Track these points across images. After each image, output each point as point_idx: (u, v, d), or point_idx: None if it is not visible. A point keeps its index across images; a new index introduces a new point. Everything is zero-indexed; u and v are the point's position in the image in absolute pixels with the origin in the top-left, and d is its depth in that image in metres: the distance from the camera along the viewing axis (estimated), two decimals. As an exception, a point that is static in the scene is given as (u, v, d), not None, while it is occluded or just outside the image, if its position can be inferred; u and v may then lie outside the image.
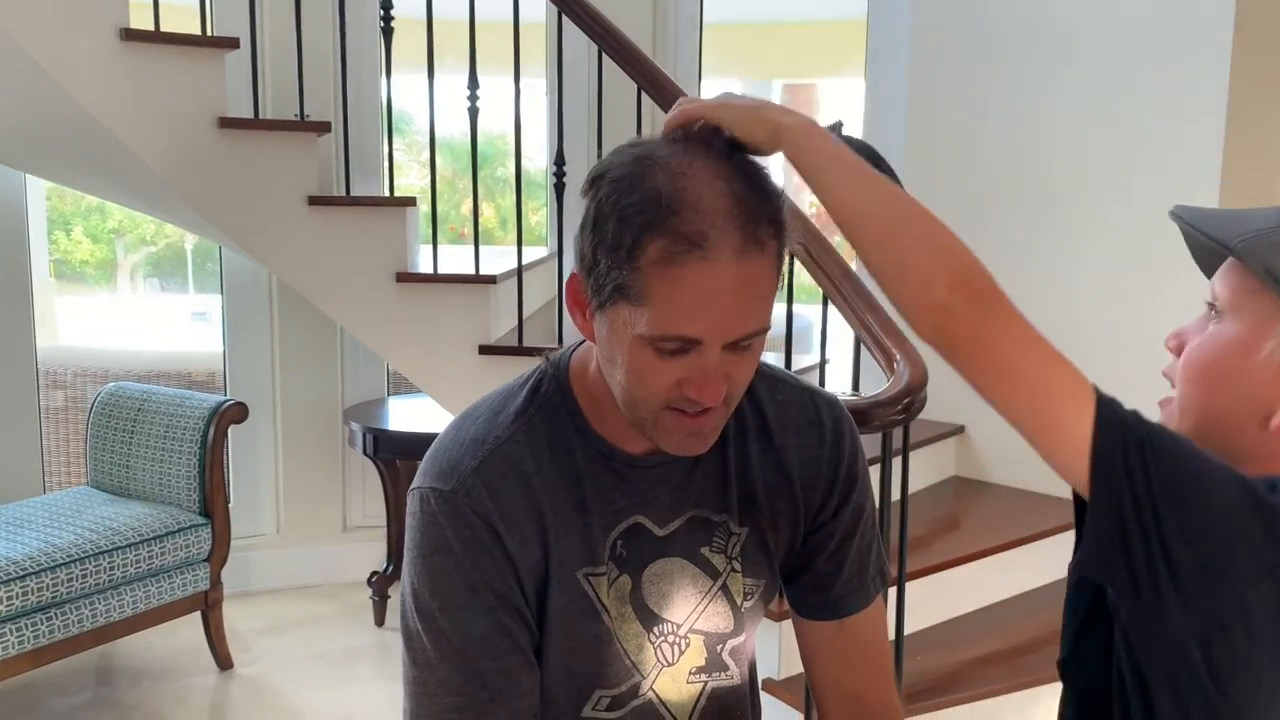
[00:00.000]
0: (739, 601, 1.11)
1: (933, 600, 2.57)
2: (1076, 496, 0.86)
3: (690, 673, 1.10)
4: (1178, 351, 0.94)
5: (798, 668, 1.38)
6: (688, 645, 1.09)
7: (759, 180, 0.92)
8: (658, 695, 1.09)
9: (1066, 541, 3.15)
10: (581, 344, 1.08)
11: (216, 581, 3.09)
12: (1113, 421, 0.81)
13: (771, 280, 0.92)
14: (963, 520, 3.06)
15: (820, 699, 1.20)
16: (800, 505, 1.11)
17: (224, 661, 3.14)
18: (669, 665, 1.09)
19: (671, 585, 1.07)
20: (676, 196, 0.87)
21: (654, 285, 0.88)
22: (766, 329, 0.94)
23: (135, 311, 8.43)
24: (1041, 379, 0.83)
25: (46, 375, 4.13)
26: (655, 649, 1.07)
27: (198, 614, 3.10)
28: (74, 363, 4.22)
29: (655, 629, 1.07)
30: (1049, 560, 2.90)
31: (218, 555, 3.08)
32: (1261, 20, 2.67)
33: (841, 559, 1.14)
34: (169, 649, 3.25)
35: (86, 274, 8.52)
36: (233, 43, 2.68)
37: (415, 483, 1.04)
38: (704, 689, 1.11)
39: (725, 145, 0.93)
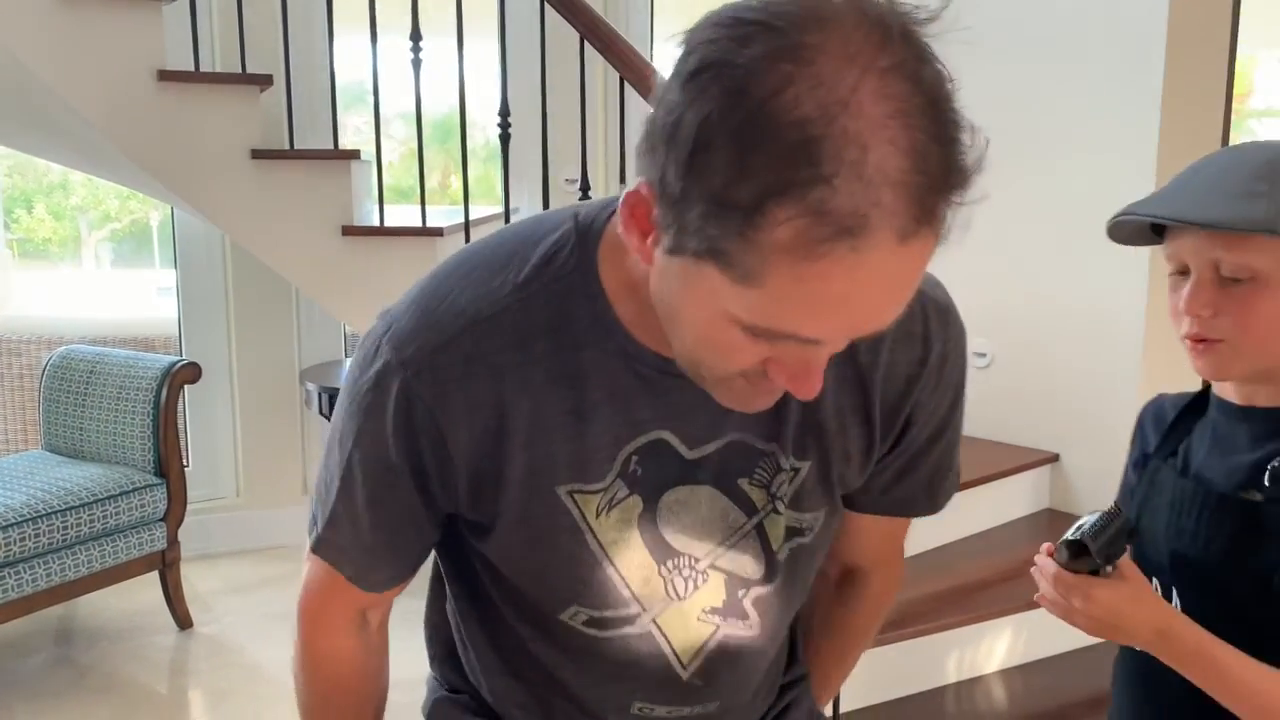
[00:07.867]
0: (775, 547, 0.93)
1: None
2: None
3: (703, 611, 0.93)
4: (1211, 315, 1.02)
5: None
6: (705, 581, 0.92)
7: (949, 115, 0.63)
8: (661, 629, 0.93)
9: (1013, 486, 3.17)
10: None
11: (173, 541, 3.08)
12: None
13: (929, 260, 0.66)
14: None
15: (852, 558, 1.09)
16: (876, 432, 0.91)
17: (183, 621, 3.14)
18: (679, 600, 0.92)
19: (695, 516, 0.90)
20: (831, 145, 0.59)
21: (774, 273, 0.63)
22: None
23: (100, 288, 8.34)
24: None
25: (1, 344, 4.10)
26: (667, 582, 0.91)
27: (156, 575, 3.10)
28: (30, 330, 4.18)
29: (669, 562, 0.91)
30: (997, 503, 2.95)
31: (174, 515, 3.08)
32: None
33: (916, 471, 0.98)
34: (128, 609, 3.25)
35: (49, 252, 8.42)
36: (170, -6, 2.66)
37: (388, 314, 0.88)
38: (715, 633, 0.94)
39: (917, 43, 0.64)
